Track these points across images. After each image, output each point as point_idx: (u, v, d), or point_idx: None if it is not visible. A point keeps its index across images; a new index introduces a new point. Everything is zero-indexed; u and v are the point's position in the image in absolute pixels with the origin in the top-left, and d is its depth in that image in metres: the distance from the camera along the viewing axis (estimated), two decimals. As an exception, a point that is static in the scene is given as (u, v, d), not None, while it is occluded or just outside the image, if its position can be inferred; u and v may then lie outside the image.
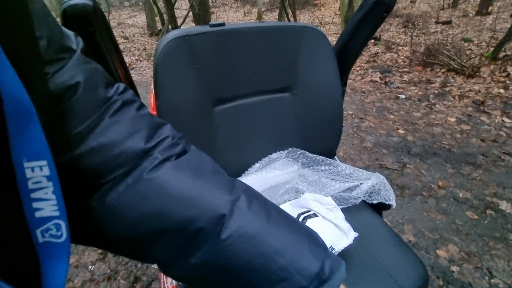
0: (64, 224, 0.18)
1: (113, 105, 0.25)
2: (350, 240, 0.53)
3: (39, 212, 0.17)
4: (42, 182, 0.17)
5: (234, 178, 0.30)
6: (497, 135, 1.94)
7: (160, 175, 0.24)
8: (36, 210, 0.17)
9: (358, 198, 0.67)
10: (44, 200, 0.17)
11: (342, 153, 1.86)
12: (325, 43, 0.73)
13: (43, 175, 0.17)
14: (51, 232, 0.18)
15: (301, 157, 0.76)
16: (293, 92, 0.75)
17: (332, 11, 8.14)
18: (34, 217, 0.17)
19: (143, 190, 0.24)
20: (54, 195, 0.17)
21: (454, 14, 5.85)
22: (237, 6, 11.79)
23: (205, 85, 0.65)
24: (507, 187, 1.45)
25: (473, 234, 1.20)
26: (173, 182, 0.25)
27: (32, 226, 0.17)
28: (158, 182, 0.24)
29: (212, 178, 0.27)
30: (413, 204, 1.39)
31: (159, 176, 0.24)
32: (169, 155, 0.26)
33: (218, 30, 0.63)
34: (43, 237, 0.18)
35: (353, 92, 2.93)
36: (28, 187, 0.16)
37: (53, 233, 0.18)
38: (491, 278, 1.01)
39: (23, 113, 0.16)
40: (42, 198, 0.17)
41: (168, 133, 0.27)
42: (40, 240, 0.18)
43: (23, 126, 0.16)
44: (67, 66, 0.23)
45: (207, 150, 0.69)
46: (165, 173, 0.25)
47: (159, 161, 0.25)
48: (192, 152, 0.28)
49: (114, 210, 0.23)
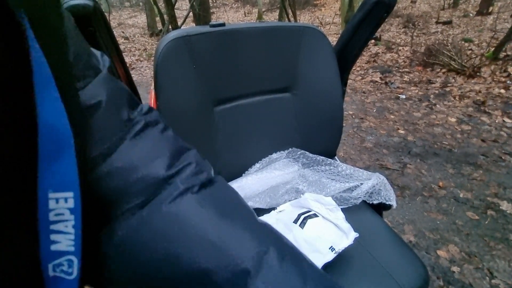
0: (77, 261, 0.17)
1: (135, 126, 0.23)
2: (350, 240, 0.53)
3: (55, 245, 0.16)
4: (64, 214, 0.16)
5: (265, 222, 0.25)
6: (498, 135, 1.94)
7: (180, 210, 0.21)
8: (53, 243, 0.16)
9: (358, 198, 0.67)
10: (62, 233, 0.16)
11: (342, 153, 1.86)
12: (325, 43, 0.73)
13: (67, 207, 0.16)
14: (63, 268, 0.17)
15: (301, 157, 0.76)
16: (293, 92, 0.75)
17: (333, 11, 8.14)
18: (49, 250, 0.16)
19: (159, 226, 0.21)
20: (73, 229, 0.16)
21: (455, 14, 5.85)
22: (237, 7, 11.79)
23: (206, 85, 0.65)
24: (508, 187, 1.45)
25: (474, 235, 1.20)
26: (194, 220, 0.21)
27: (45, 259, 0.16)
28: (177, 218, 0.21)
29: (239, 220, 0.23)
30: (413, 205, 1.38)
31: (179, 210, 0.21)
32: (192, 185, 0.23)
33: (218, 30, 0.63)
34: (54, 271, 0.17)
35: (353, 92, 2.92)
36: (48, 218, 0.15)
37: (65, 269, 0.17)
38: (491, 278, 1.01)
39: (59, 142, 0.15)
40: (61, 231, 0.16)
41: (192, 159, 0.25)
42: (50, 274, 0.17)
43: (56, 156, 0.15)
44: (91, 84, 0.22)
45: (207, 151, 0.69)
46: (186, 207, 0.22)
47: (180, 191, 0.22)
48: (218, 184, 0.25)
49: (123, 249, 0.20)
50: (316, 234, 0.55)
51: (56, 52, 0.16)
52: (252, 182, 0.68)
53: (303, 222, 0.57)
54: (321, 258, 0.50)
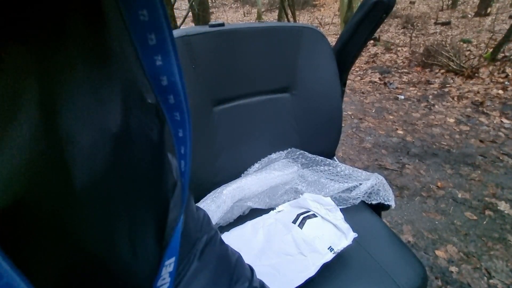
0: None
1: (200, 242, 0.24)
2: (349, 241, 0.53)
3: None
4: (165, 278, 0.18)
5: None
6: (496, 135, 1.94)
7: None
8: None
9: (357, 199, 0.67)
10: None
11: (341, 154, 1.86)
12: (324, 43, 0.73)
13: (168, 271, 0.18)
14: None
15: (300, 158, 0.76)
16: (292, 92, 0.75)
17: (332, 12, 8.14)
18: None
19: None
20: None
21: (453, 15, 5.87)
22: (236, 7, 11.79)
23: (204, 85, 0.65)
24: (506, 188, 1.45)
25: (472, 235, 1.20)
26: None
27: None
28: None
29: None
30: (412, 205, 1.39)
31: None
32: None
33: (217, 30, 0.63)
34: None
35: (352, 92, 2.93)
36: (157, 284, 0.17)
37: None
38: (489, 278, 1.01)
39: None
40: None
41: (247, 276, 0.27)
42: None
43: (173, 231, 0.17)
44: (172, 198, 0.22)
45: (206, 151, 0.69)
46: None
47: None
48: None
49: None
50: (315, 234, 0.55)
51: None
52: (251, 183, 0.68)
53: (302, 222, 0.57)
54: (320, 258, 0.50)
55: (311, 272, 0.49)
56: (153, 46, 0.15)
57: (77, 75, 0.13)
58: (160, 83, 0.16)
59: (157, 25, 0.14)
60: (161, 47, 0.15)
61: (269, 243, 0.56)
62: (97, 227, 0.14)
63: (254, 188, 0.67)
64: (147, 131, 0.18)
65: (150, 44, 0.15)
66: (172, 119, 0.17)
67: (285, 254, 0.53)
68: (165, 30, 0.15)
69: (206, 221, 0.27)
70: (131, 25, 0.14)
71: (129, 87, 0.16)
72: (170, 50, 0.15)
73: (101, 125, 0.14)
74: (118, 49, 0.15)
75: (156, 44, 0.15)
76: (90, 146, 0.13)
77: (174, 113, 0.17)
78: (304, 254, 0.52)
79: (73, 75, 0.12)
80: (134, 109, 0.16)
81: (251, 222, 0.62)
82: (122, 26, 0.14)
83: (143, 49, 0.15)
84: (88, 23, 0.13)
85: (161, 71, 0.16)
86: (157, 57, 0.15)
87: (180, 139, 0.18)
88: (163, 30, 0.14)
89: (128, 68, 0.16)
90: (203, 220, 0.27)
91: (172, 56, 0.15)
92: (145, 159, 0.18)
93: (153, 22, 0.14)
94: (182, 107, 0.17)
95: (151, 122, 0.18)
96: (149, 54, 0.15)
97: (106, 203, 0.15)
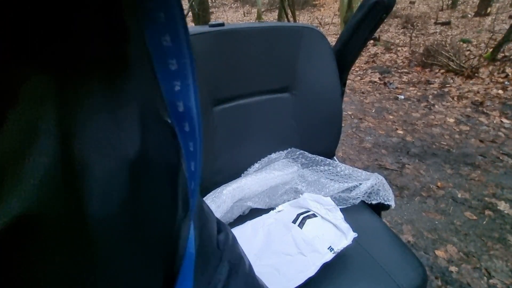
0: None
1: (223, 271, 0.23)
2: (349, 241, 0.53)
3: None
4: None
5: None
6: (496, 135, 1.94)
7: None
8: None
9: (357, 199, 0.67)
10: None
11: (341, 154, 1.86)
12: (324, 43, 0.73)
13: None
14: None
15: (300, 157, 0.76)
16: (292, 92, 0.75)
17: (332, 12, 8.14)
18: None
19: None
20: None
21: (453, 15, 5.87)
22: (236, 6, 11.78)
23: (204, 85, 0.65)
24: (506, 188, 1.45)
25: (472, 235, 1.20)
26: None
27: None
28: None
29: None
30: (412, 205, 1.39)
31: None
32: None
33: (217, 30, 0.63)
34: None
35: (352, 92, 2.93)
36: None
37: None
38: (489, 278, 1.01)
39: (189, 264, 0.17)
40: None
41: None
42: None
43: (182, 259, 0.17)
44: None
45: (206, 150, 0.69)
46: None
47: None
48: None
49: None
50: (315, 234, 0.55)
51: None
52: (252, 183, 0.68)
53: (302, 222, 0.57)
54: (320, 258, 0.50)
55: (311, 272, 0.49)
56: (174, 71, 0.15)
57: (96, 101, 0.12)
58: (177, 109, 0.16)
59: (179, 50, 0.14)
60: (181, 72, 0.15)
61: (269, 243, 0.56)
62: (108, 265, 0.14)
63: (254, 188, 0.67)
64: (165, 152, 0.17)
65: (171, 69, 0.15)
66: (187, 149, 0.17)
67: (285, 254, 0.53)
68: (186, 55, 0.15)
69: (229, 244, 0.26)
70: (154, 51, 0.14)
71: (147, 107, 0.16)
72: (189, 75, 0.15)
73: (119, 152, 0.14)
74: (138, 72, 0.15)
75: (177, 68, 0.15)
76: (105, 175, 0.13)
77: (188, 143, 0.17)
78: (304, 254, 0.52)
79: (92, 101, 0.12)
80: (152, 129, 0.16)
81: (251, 222, 0.62)
82: (143, 51, 0.14)
83: (163, 74, 0.15)
84: (110, 49, 0.13)
85: (179, 96, 0.16)
86: (176, 83, 0.15)
87: (191, 173, 0.18)
88: (185, 55, 0.14)
89: (147, 90, 0.16)
90: (225, 241, 0.25)
91: (190, 80, 0.15)
92: (163, 185, 0.17)
93: (176, 48, 0.14)
94: (196, 136, 0.17)
95: (169, 143, 0.17)
96: (169, 80, 0.15)
97: (120, 239, 0.14)
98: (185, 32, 0.14)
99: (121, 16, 0.13)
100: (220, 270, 0.24)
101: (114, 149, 0.13)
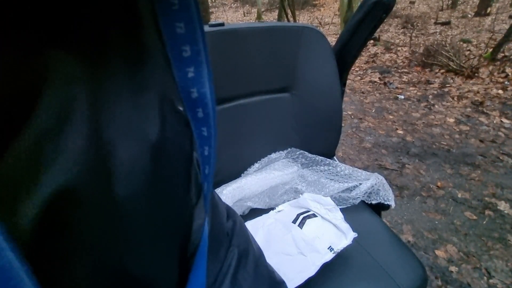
0: None
1: (232, 256, 0.23)
2: (349, 240, 0.53)
3: None
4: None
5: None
6: (496, 135, 1.94)
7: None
8: None
9: (357, 199, 0.67)
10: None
11: (341, 153, 1.86)
12: (324, 43, 0.73)
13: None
14: None
15: (300, 157, 0.76)
16: (292, 92, 0.75)
17: (332, 12, 8.14)
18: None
19: None
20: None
21: (453, 15, 5.87)
22: (236, 6, 11.78)
23: None
24: (506, 188, 1.45)
25: (472, 235, 1.20)
26: None
27: None
28: None
29: None
30: (412, 205, 1.39)
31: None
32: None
33: (217, 30, 0.63)
34: None
35: (352, 92, 2.93)
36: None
37: None
38: (489, 278, 1.01)
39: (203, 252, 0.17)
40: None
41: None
42: None
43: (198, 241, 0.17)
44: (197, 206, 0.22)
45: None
46: None
47: None
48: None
49: None
50: (315, 234, 0.55)
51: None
52: (252, 183, 0.68)
53: (302, 222, 0.57)
54: (320, 258, 0.50)
55: (311, 272, 0.49)
56: (187, 57, 0.15)
57: (119, 85, 0.13)
58: (190, 96, 0.16)
59: (193, 37, 0.14)
60: (195, 58, 0.15)
61: (269, 243, 0.56)
62: (132, 239, 0.14)
63: (254, 188, 0.67)
64: (180, 140, 0.18)
65: (184, 56, 0.15)
66: (200, 134, 0.17)
67: (285, 254, 0.53)
68: (200, 42, 0.15)
69: (237, 229, 0.26)
70: (168, 38, 0.14)
71: (164, 96, 0.16)
72: (203, 61, 0.15)
73: (141, 136, 0.14)
74: (154, 60, 0.15)
75: (190, 55, 0.15)
76: (130, 157, 0.13)
77: (201, 128, 0.17)
78: (304, 254, 0.52)
79: (115, 86, 0.13)
80: (169, 118, 0.16)
81: (251, 222, 0.62)
82: (158, 39, 0.14)
83: (177, 61, 0.15)
84: (127, 32, 0.13)
85: (192, 83, 0.16)
86: (189, 69, 0.15)
87: (205, 158, 0.18)
88: (198, 42, 0.15)
89: (162, 77, 0.16)
90: (233, 226, 0.25)
91: (205, 67, 0.16)
92: (179, 170, 0.18)
93: (189, 34, 0.14)
94: (210, 122, 0.17)
95: (183, 132, 0.18)
96: (182, 66, 0.15)
97: (146, 219, 0.15)
98: (199, 18, 0.14)
99: (135, 2, 0.13)
100: (229, 256, 0.24)
101: (137, 133, 0.14)
